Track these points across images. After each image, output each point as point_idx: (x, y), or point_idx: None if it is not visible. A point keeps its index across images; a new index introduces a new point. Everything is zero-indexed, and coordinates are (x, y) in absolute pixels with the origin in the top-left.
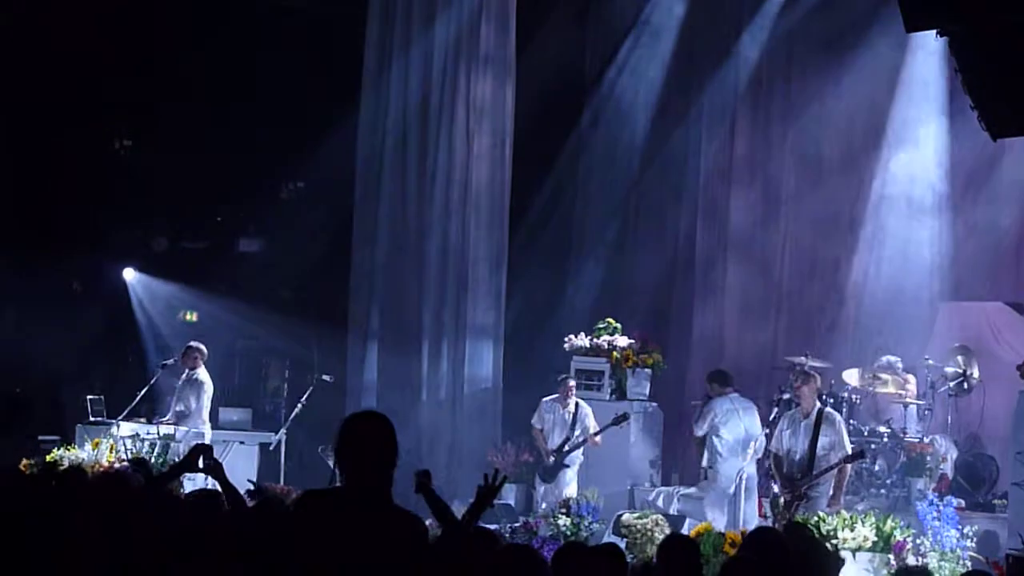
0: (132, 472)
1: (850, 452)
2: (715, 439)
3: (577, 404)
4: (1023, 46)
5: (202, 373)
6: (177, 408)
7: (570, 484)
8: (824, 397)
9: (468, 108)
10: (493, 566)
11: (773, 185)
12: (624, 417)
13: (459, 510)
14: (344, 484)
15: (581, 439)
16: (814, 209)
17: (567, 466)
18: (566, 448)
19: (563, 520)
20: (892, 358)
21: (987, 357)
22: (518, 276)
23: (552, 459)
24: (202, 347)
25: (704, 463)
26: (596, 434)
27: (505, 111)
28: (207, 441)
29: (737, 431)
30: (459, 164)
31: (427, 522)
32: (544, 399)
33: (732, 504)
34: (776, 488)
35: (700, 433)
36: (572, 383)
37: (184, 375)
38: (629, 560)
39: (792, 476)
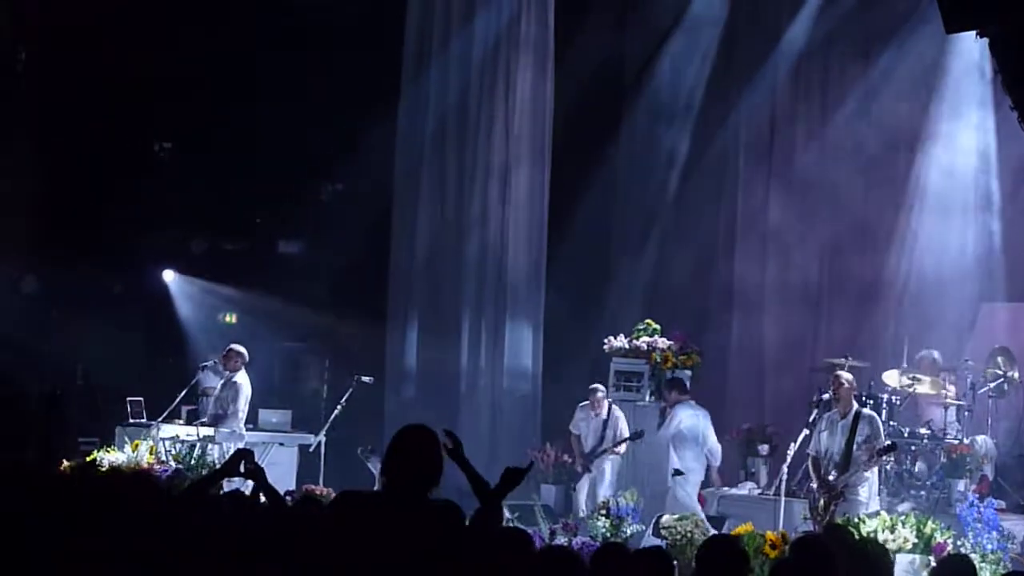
0: (176, 474)
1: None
2: (680, 445)
3: (610, 409)
4: None
5: (241, 376)
6: (215, 410)
7: (603, 485)
8: (864, 398)
9: (507, 108)
10: (532, 568)
11: (812, 185)
12: (639, 434)
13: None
14: (382, 487)
15: (602, 449)
16: (854, 209)
17: (591, 471)
18: (595, 454)
19: (602, 522)
20: (934, 353)
21: None
22: (557, 276)
23: (581, 464)
24: (243, 350)
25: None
26: (615, 445)
27: (544, 110)
28: (243, 444)
29: (696, 434)
30: (498, 164)
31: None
32: (580, 404)
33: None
34: (814, 489)
35: (667, 433)
36: (600, 395)
37: (224, 377)
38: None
39: (828, 476)
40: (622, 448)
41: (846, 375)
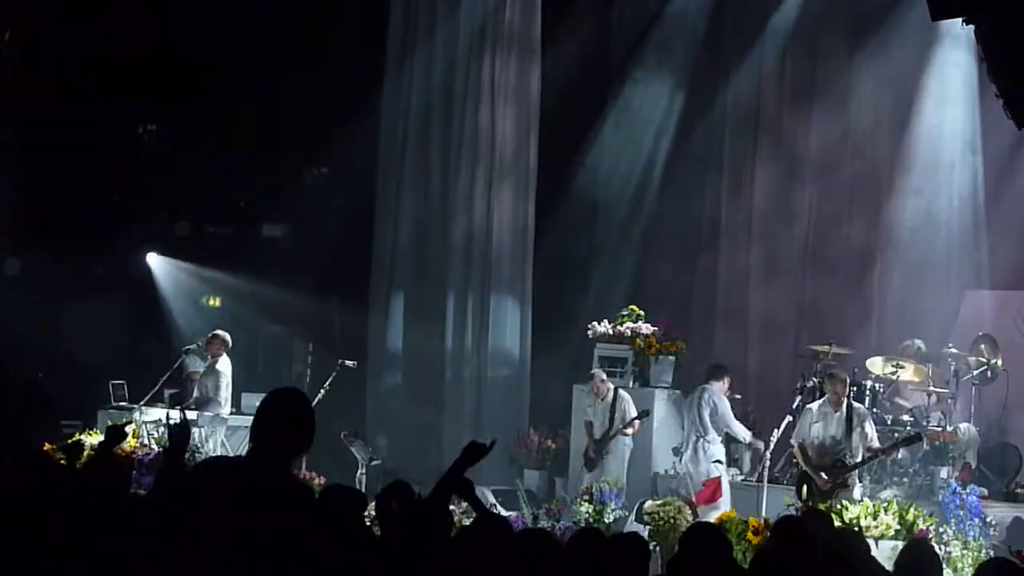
0: (157, 457)
1: (879, 445)
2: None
3: (616, 393)
4: None
5: (223, 362)
6: (198, 395)
7: (615, 472)
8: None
9: (493, 91)
10: (512, 550)
11: (798, 172)
12: (645, 413)
13: (483, 495)
14: (248, 454)
15: (613, 433)
16: (839, 196)
17: (608, 454)
18: (606, 439)
19: (585, 507)
20: (918, 342)
21: (1011, 346)
22: (543, 260)
23: (592, 450)
24: (227, 337)
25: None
26: (624, 427)
27: (530, 93)
28: (226, 427)
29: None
30: (484, 147)
31: None
32: (584, 391)
33: None
34: (814, 476)
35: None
36: (597, 380)
37: (207, 362)
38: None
39: (830, 465)
40: (631, 430)
41: (843, 377)
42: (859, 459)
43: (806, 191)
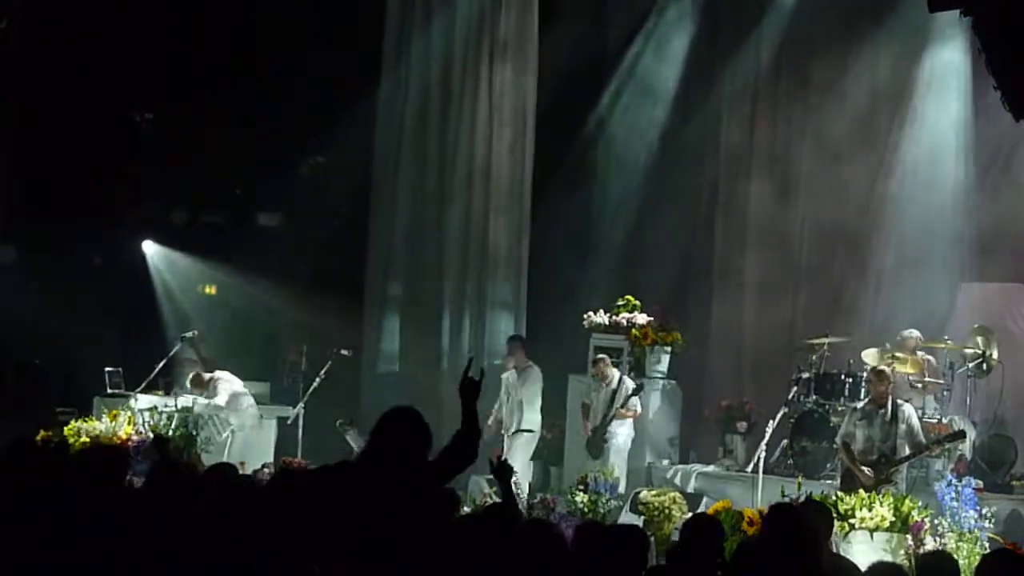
0: (148, 447)
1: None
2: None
3: (620, 380)
4: None
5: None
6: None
7: (616, 459)
8: (843, 376)
9: (490, 82)
10: (514, 541)
11: (793, 163)
12: (639, 388)
13: (478, 484)
14: (362, 462)
15: (611, 416)
16: (834, 188)
17: (607, 441)
18: (605, 424)
19: (580, 497)
20: (915, 332)
21: (1007, 338)
22: (539, 250)
23: (591, 435)
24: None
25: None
26: (622, 406)
27: (527, 86)
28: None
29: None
30: (480, 138)
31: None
32: (579, 380)
33: None
34: (857, 473)
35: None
36: (600, 364)
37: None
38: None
39: (874, 462)
40: (631, 410)
41: (887, 374)
42: (904, 455)
43: (801, 182)
